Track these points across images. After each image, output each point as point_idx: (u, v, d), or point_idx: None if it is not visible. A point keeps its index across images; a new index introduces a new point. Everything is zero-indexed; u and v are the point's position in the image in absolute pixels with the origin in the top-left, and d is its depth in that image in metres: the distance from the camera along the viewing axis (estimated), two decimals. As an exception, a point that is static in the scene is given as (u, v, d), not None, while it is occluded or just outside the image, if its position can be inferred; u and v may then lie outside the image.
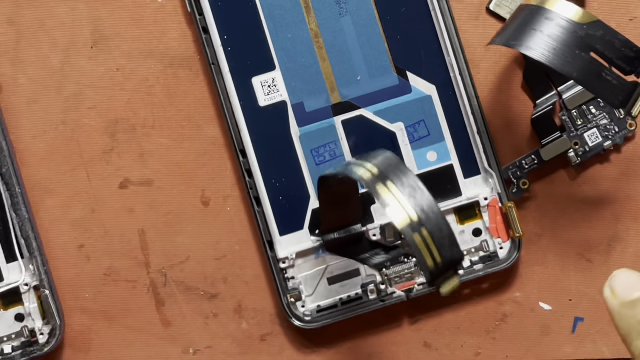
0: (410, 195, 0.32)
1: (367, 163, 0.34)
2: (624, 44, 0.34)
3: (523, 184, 0.43)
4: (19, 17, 0.43)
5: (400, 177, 0.33)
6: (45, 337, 0.42)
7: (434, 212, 0.32)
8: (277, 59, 0.42)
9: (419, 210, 0.32)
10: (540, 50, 0.34)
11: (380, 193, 0.32)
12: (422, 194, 0.32)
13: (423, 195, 0.32)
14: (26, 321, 0.42)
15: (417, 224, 0.32)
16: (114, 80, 0.43)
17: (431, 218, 0.32)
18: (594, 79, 0.34)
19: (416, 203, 0.32)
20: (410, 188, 0.32)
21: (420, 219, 0.32)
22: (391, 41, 0.42)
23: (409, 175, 0.33)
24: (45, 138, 0.43)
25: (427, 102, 0.42)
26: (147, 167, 0.43)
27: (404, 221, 0.32)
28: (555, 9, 0.34)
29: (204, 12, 0.42)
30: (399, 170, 0.33)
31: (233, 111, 0.42)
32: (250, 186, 0.42)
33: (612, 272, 0.43)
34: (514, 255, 0.42)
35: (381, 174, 0.33)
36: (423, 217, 0.32)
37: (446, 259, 0.32)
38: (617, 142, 0.43)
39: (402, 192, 0.32)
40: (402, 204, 0.32)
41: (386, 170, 0.33)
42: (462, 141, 0.42)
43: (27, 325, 0.42)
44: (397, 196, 0.32)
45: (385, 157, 0.34)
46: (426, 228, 0.32)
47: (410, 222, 0.32)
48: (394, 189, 0.32)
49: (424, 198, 0.32)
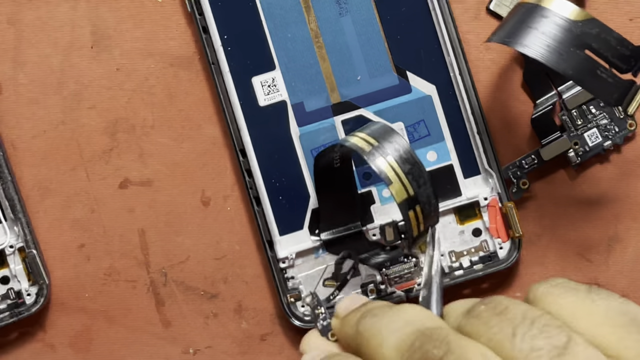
0: (409, 171, 0.34)
1: (361, 133, 0.35)
2: (619, 42, 0.34)
3: (523, 184, 0.43)
4: (19, 17, 0.43)
5: (399, 150, 0.34)
6: (32, 297, 0.42)
7: (427, 186, 0.34)
8: (277, 59, 0.42)
9: (415, 185, 0.34)
10: (535, 48, 0.34)
11: (380, 165, 0.34)
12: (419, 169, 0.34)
13: (420, 170, 0.34)
14: (12, 283, 0.42)
15: (413, 201, 0.34)
16: (114, 79, 0.43)
17: (424, 194, 0.34)
18: (588, 76, 0.34)
19: (413, 178, 0.34)
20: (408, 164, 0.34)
21: (415, 194, 0.34)
22: (391, 41, 0.42)
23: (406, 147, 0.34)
24: (45, 138, 0.43)
25: (427, 102, 0.42)
26: (147, 166, 0.43)
27: (403, 197, 0.34)
28: (551, 6, 0.34)
29: (203, 12, 0.42)
30: (397, 142, 0.35)
31: (233, 111, 0.42)
32: (250, 186, 0.42)
33: (611, 271, 0.44)
34: (513, 255, 0.42)
35: (379, 145, 0.34)
36: (418, 192, 0.34)
37: (425, 229, 0.35)
38: (617, 142, 0.43)
39: (402, 167, 0.34)
40: (402, 179, 0.34)
41: (383, 141, 0.34)
42: (462, 141, 0.42)
43: (13, 287, 0.42)
44: (396, 170, 0.34)
45: (379, 126, 0.36)
46: (419, 203, 0.34)
47: (408, 197, 0.34)
48: (394, 164, 0.34)
49: (419, 172, 0.34)
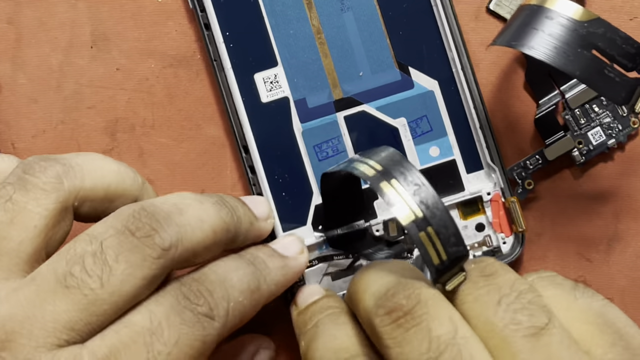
0: (414, 193, 0.32)
1: (370, 160, 0.34)
2: (625, 41, 0.34)
3: (528, 184, 0.43)
4: (19, 17, 0.43)
5: (404, 173, 0.32)
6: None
7: (439, 208, 0.32)
8: (279, 55, 0.42)
9: (423, 207, 0.32)
10: (542, 50, 0.34)
11: (384, 190, 0.32)
12: (427, 191, 0.32)
13: (427, 191, 0.32)
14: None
15: (422, 222, 0.31)
16: (114, 79, 0.43)
17: (436, 215, 0.32)
18: (596, 76, 0.34)
19: (421, 200, 0.32)
20: (414, 185, 0.32)
21: (425, 216, 0.31)
22: (393, 37, 0.42)
23: (413, 171, 0.32)
24: (45, 137, 0.43)
25: (430, 97, 0.42)
26: (146, 166, 0.43)
27: (409, 218, 0.31)
28: (555, 7, 0.34)
29: (205, 9, 0.41)
30: (402, 166, 0.33)
31: (235, 108, 0.42)
32: (253, 182, 0.42)
33: (612, 271, 0.44)
34: (517, 249, 0.42)
35: (385, 170, 0.33)
36: (428, 214, 0.31)
37: (451, 255, 0.31)
38: (621, 139, 0.43)
39: (407, 189, 0.32)
40: (407, 201, 0.32)
41: (389, 167, 0.33)
42: (464, 136, 0.43)
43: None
44: (401, 193, 0.32)
45: (388, 153, 0.34)
46: (431, 225, 0.31)
47: (415, 219, 0.31)
48: (398, 186, 0.32)
49: (428, 194, 0.32)
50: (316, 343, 0.34)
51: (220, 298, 0.32)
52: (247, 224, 0.37)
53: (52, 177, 0.32)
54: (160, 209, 0.32)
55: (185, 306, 0.31)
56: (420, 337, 0.29)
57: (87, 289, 0.30)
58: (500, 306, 0.29)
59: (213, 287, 0.32)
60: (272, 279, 0.36)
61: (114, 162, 0.35)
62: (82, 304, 0.29)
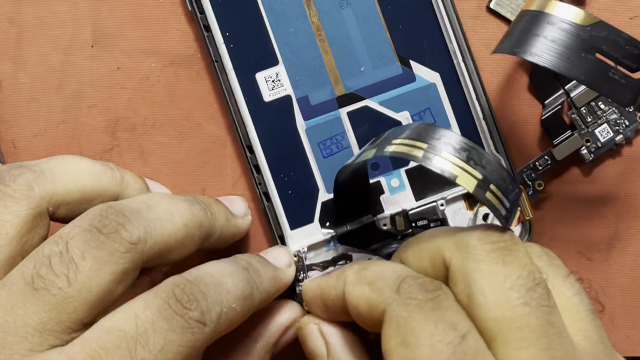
0: (467, 158, 0.32)
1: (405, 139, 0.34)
2: (628, 42, 0.34)
3: (538, 185, 0.43)
4: (20, 16, 0.43)
5: (451, 143, 0.33)
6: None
7: (491, 162, 0.32)
8: (279, 54, 0.42)
9: (480, 169, 0.32)
10: (545, 56, 0.34)
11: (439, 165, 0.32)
12: (476, 152, 0.32)
13: (477, 152, 0.32)
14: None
15: (484, 183, 0.32)
16: (115, 78, 0.43)
17: (492, 170, 0.32)
18: (601, 79, 0.34)
19: (476, 163, 0.32)
20: (464, 151, 0.32)
21: (485, 176, 0.32)
22: (393, 31, 0.42)
23: (456, 137, 0.33)
24: (46, 137, 0.43)
25: (432, 89, 0.42)
26: (147, 165, 0.43)
27: (473, 184, 0.32)
28: (556, 12, 0.34)
29: (204, 10, 0.41)
30: (445, 136, 0.33)
31: (238, 108, 0.42)
32: (259, 181, 0.42)
33: (612, 270, 0.44)
34: (525, 238, 0.43)
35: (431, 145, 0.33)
36: (486, 173, 0.32)
37: (512, 200, 0.33)
38: (629, 135, 0.43)
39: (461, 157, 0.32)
40: (466, 169, 0.32)
41: (432, 142, 0.33)
42: (468, 127, 0.42)
43: None
44: (457, 164, 0.32)
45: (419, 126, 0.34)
46: (492, 182, 0.32)
47: (478, 183, 0.32)
48: (452, 158, 0.32)
49: (478, 155, 0.32)
50: None
51: (214, 302, 0.32)
52: (222, 220, 0.37)
53: (23, 184, 0.32)
54: (128, 207, 0.32)
55: (175, 311, 0.30)
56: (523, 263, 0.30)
57: (55, 289, 0.29)
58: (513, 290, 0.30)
59: (207, 290, 0.32)
60: (264, 288, 0.35)
61: (88, 162, 0.35)
62: (51, 304, 0.29)
